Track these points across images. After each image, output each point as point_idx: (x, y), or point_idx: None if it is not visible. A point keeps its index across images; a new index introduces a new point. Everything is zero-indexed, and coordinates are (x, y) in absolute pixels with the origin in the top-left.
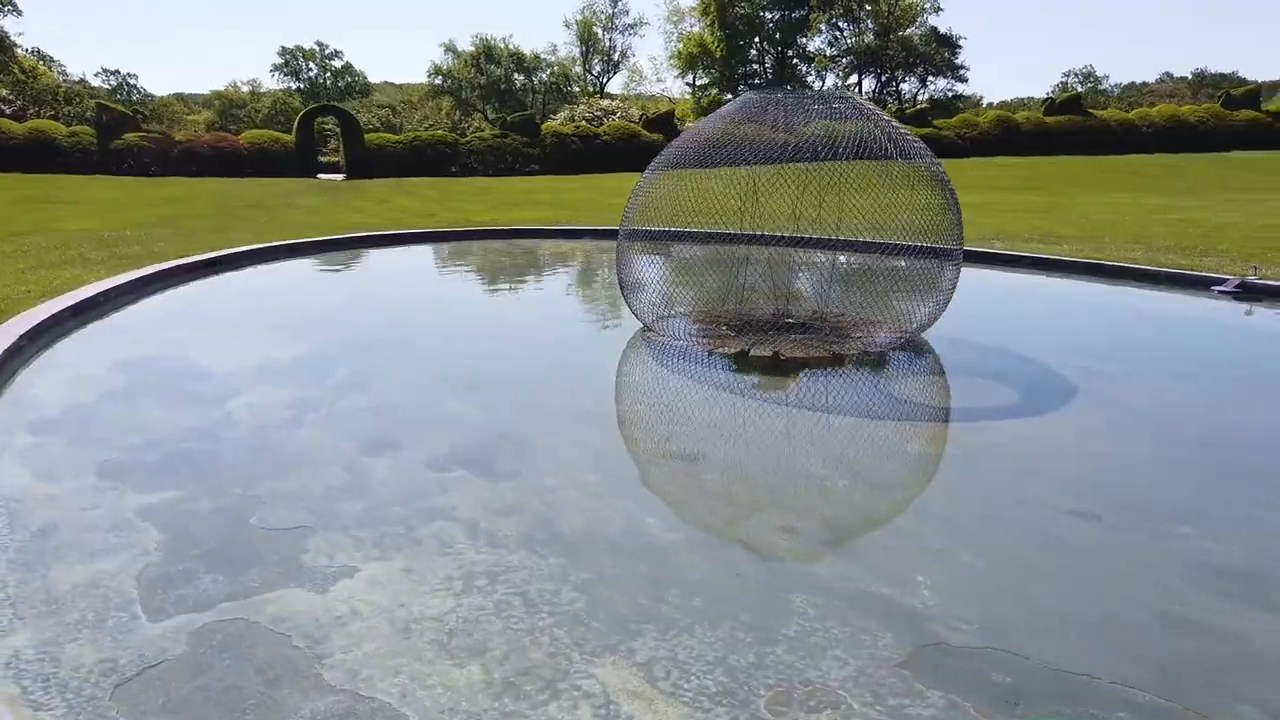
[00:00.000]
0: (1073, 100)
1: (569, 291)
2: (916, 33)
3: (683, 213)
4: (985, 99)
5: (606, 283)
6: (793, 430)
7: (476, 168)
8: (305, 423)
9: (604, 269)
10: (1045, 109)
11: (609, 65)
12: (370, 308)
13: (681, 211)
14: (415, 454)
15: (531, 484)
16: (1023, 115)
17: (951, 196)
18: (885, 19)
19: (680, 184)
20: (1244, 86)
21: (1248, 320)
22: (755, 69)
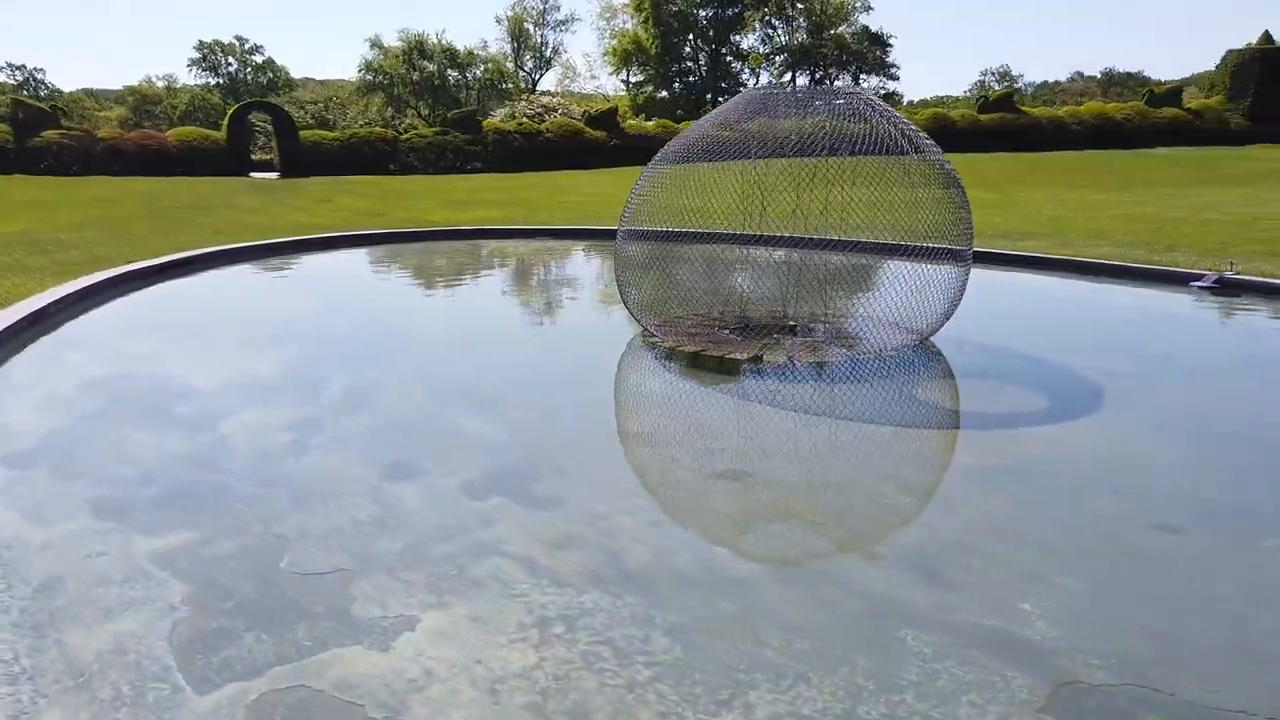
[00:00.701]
0: (1005, 98)
1: (556, 293)
2: (848, 31)
3: (684, 212)
4: (906, 98)
5: (593, 284)
6: (834, 443)
7: (416, 166)
8: (312, 446)
9: (584, 269)
10: (979, 107)
11: (541, 62)
12: (347, 314)
13: (683, 211)
14: (444, 480)
15: (580, 512)
16: (957, 113)
17: (961, 194)
18: (818, 17)
19: (681, 182)
20: (1148, 85)
21: (1241, 317)
22: (690, 66)
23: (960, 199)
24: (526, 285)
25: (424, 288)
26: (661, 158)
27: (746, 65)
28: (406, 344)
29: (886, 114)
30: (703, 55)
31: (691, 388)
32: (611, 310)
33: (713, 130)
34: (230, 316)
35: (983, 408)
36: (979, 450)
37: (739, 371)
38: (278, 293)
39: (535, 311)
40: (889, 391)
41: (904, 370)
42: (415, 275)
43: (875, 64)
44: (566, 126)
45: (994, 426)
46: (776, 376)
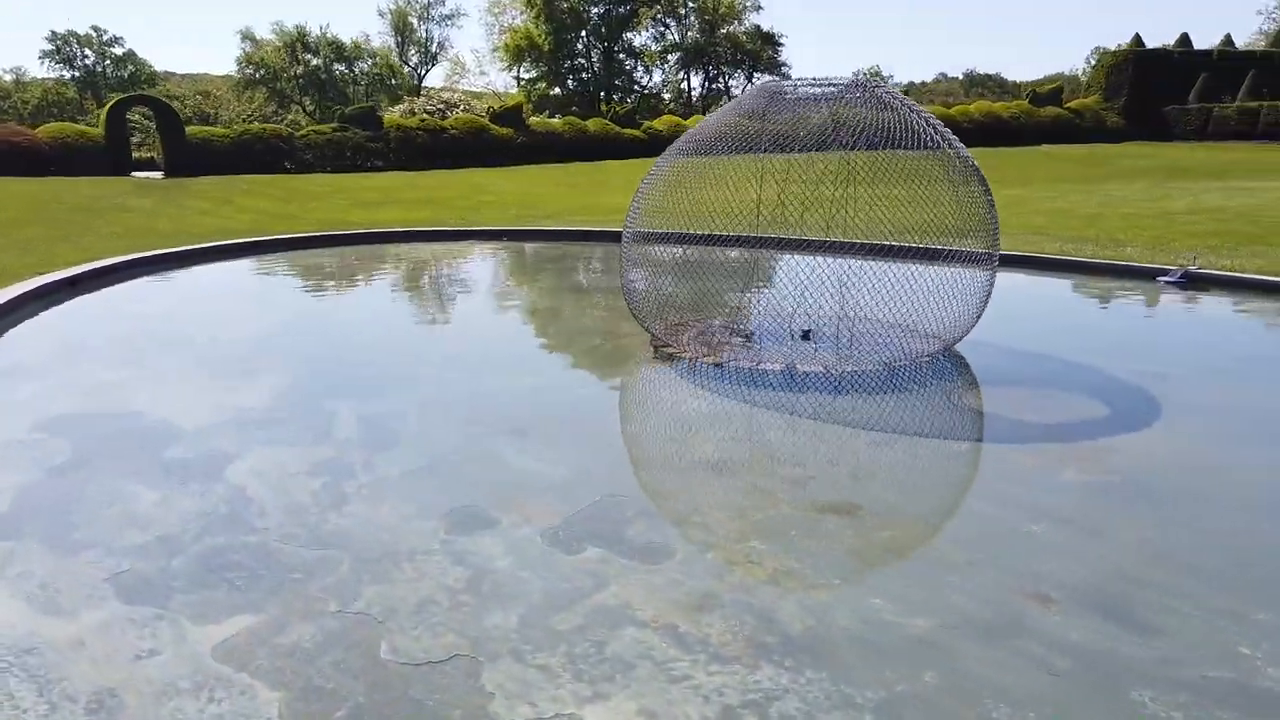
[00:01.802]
0: None
1: (538, 301)
2: (741, 30)
3: (695, 211)
4: None
5: (574, 289)
6: (923, 463)
7: (314, 163)
8: (351, 495)
9: (554, 272)
10: None
11: (427, 57)
12: (320, 329)
13: (694, 210)
14: (522, 530)
15: (697, 562)
16: None
17: (988, 192)
18: (710, 15)
19: (694, 179)
20: (1006, 85)
21: (1226, 311)
22: (582, 63)
23: (987, 197)
24: (500, 292)
25: (394, 297)
26: (676, 151)
27: (640, 63)
28: (404, 364)
29: (909, 105)
30: (595, 52)
31: (736, 405)
32: (613, 319)
33: (731, 123)
34: (183, 334)
35: (1044, 417)
36: (1075, 465)
37: (775, 384)
38: (227, 305)
39: (526, 321)
40: (938, 402)
41: (939, 378)
42: (378, 283)
43: (768, 63)
44: (471, 123)
45: (1070, 438)
46: (817, 389)
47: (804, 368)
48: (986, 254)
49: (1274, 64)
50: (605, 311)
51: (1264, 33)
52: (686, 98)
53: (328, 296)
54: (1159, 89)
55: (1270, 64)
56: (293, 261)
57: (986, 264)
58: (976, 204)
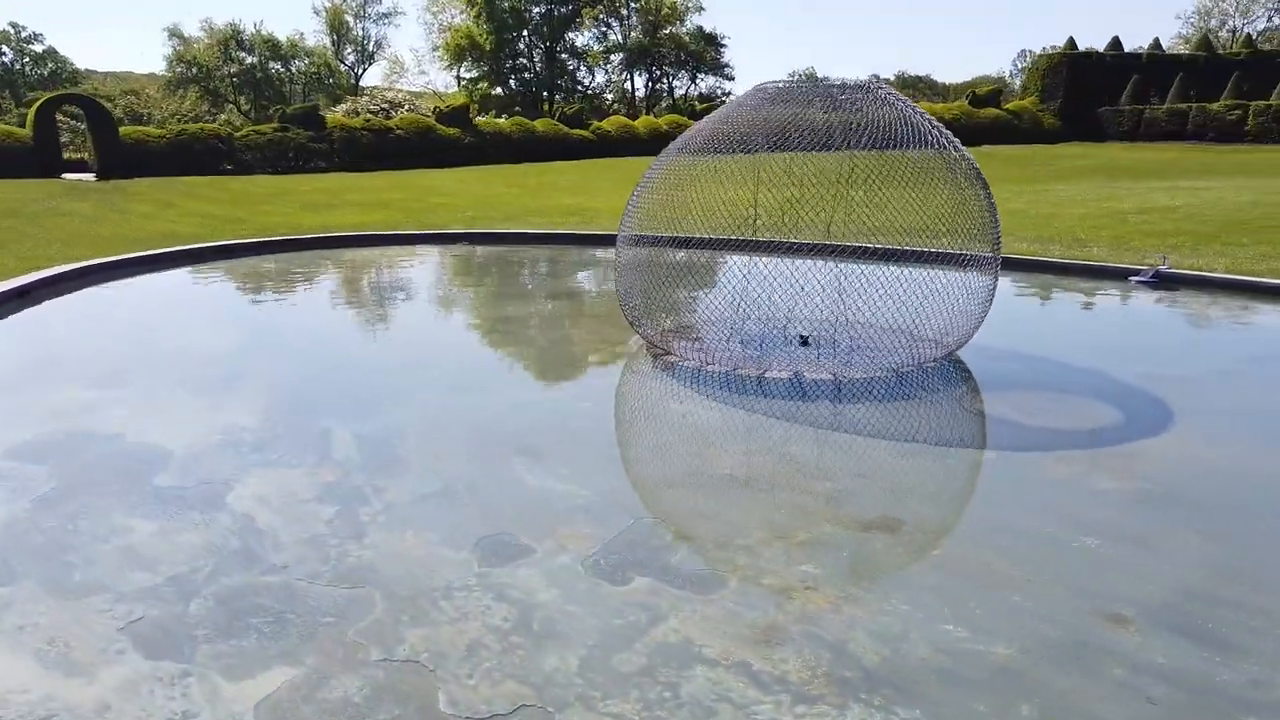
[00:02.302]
0: None
1: (521, 308)
2: (684, 31)
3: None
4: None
5: (556, 294)
6: (953, 475)
7: (254, 165)
8: (369, 524)
9: (529, 277)
10: None
11: (364, 56)
12: (293, 342)
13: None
14: (560, 559)
15: (753, 591)
16: None
17: (989, 194)
18: (652, 16)
19: (694, 181)
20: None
21: (1202, 309)
22: (524, 63)
23: (989, 200)
24: (487, 299)
25: (366, 305)
26: (675, 151)
27: (583, 63)
28: (390, 377)
29: (911, 105)
30: (537, 52)
31: (747, 415)
32: (602, 325)
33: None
34: (153, 347)
35: (1060, 422)
36: (1107, 472)
37: (782, 392)
38: (194, 315)
39: (515, 330)
40: (950, 408)
41: (945, 383)
42: (347, 289)
43: (712, 64)
44: (417, 123)
45: (1092, 444)
46: (825, 396)
47: (813, 375)
48: (990, 257)
49: (1198, 67)
50: (592, 318)
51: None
52: (630, 99)
53: (298, 305)
54: (1092, 91)
55: (1195, 67)
56: (253, 268)
57: (990, 267)
58: (980, 206)
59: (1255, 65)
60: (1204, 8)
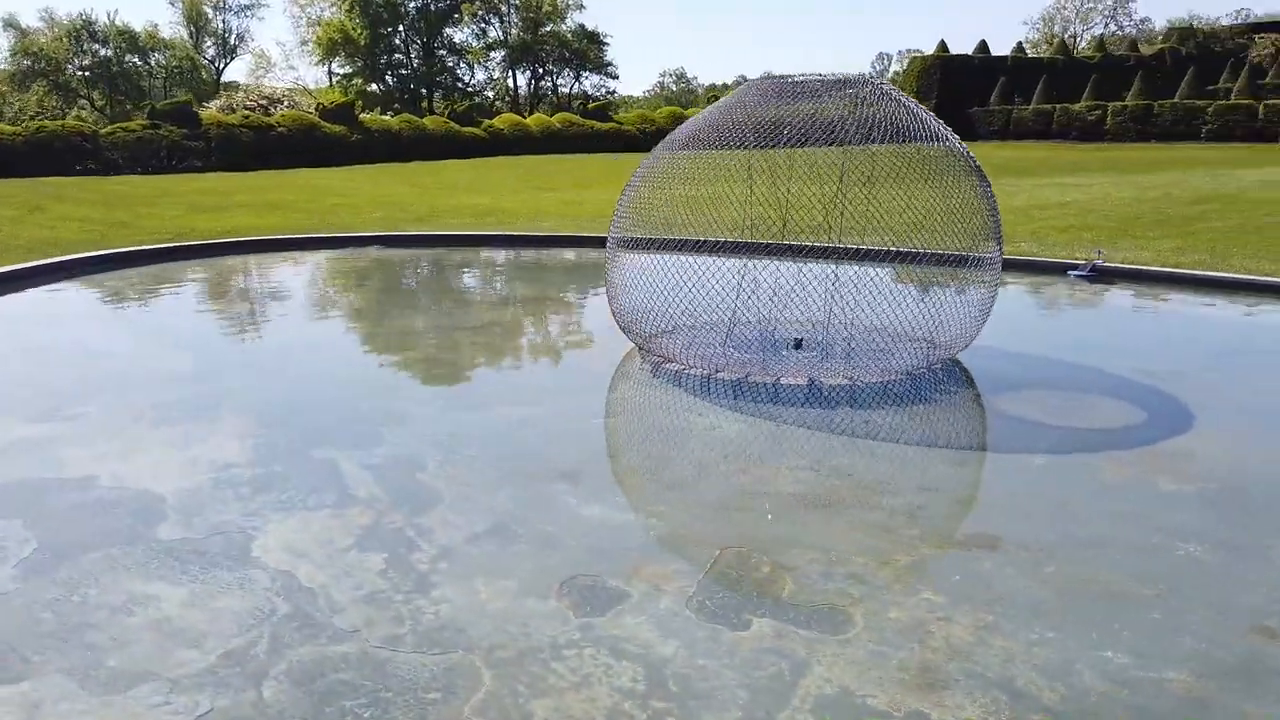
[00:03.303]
0: None
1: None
2: (567, 29)
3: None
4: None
5: (524, 299)
6: (1014, 482)
7: (122, 164)
8: (427, 573)
9: (483, 280)
10: (709, 104)
11: (225, 50)
12: (253, 362)
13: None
14: (661, 603)
15: (887, 627)
16: (692, 111)
17: (988, 192)
18: (532, 12)
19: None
20: None
21: (1153, 301)
22: (401, 58)
23: (992, 201)
24: (450, 306)
25: (315, 316)
26: (665, 147)
27: (463, 60)
28: (374, 398)
29: (909, 102)
30: (414, 48)
31: (773, 425)
32: (584, 330)
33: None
34: (93, 370)
35: (1090, 422)
36: (1165, 474)
37: (798, 398)
38: (126, 333)
39: (492, 339)
40: (976, 411)
41: (957, 385)
42: (287, 299)
43: (595, 63)
44: (300, 120)
45: (1134, 444)
46: (844, 402)
47: (829, 380)
48: (996, 255)
49: (1058, 69)
50: (570, 323)
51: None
52: (513, 96)
53: (239, 316)
54: (963, 92)
55: (1056, 69)
56: (172, 277)
57: (995, 265)
58: (986, 203)
59: (1108, 68)
60: (1048, 15)
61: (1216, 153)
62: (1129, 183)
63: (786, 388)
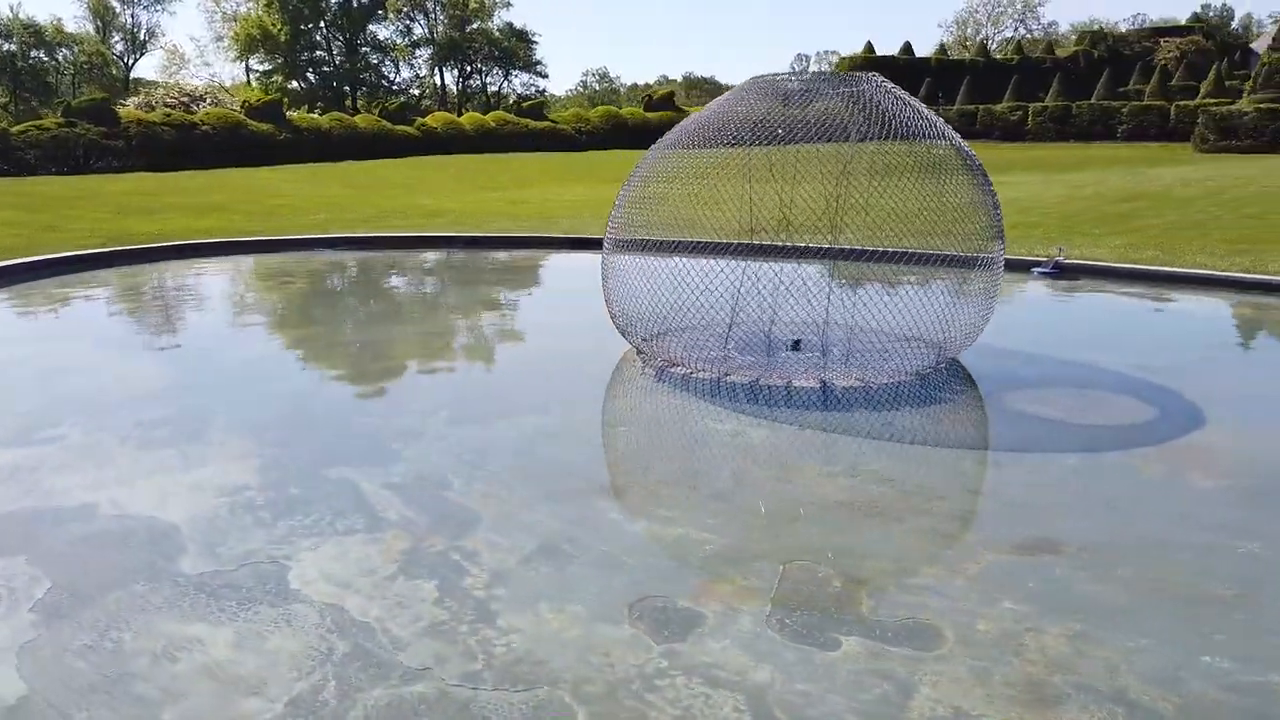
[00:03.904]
0: (666, 97)
1: (475, 319)
2: (495, 27)
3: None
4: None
5: (506, 302)
6: (1056, 482)
7: (36, 164)
8: (484, 599)
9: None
10: (645, 105)
11: (134, 45)
12: (234, 374)
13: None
14: (740, 623)
15: (979, 640)
16: (628, 111)
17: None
18: (459, 10)
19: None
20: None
21: (1131, 300)
22: (323, 55)
23: (994, 199)
24: (429, 311)
25: (288, 323)
26: (664, 146)
27: (389, 57)
28: (382, 412)
29: (904, 100)
30: (337, 45)
31: (799, 432)
32: (575, 334)
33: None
34: (65, 387)
35: (1107, 419)
36: (1198, 470)
37: (810, 401)
38: (89, 346)
39: (484, 345)
40: (992, 410)
41: (966, 384)
42: (252, 306)
43: (525, 61)
44: (226, 118)
45: (1153, 440)
46: (861, 405)
47: (842, 382)
48: (1000, 254)
49: (980, 71)
50: (559, 325)
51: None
52: (441, 94)
53: (206, 327)
54: None
55: (978, 70)
56: (123, 284)
57: (997, 266)
58: (988, 202)
59: (1027, 69)
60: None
61: (1133, 151)
62: (1058, 181)
63: (799, 390)
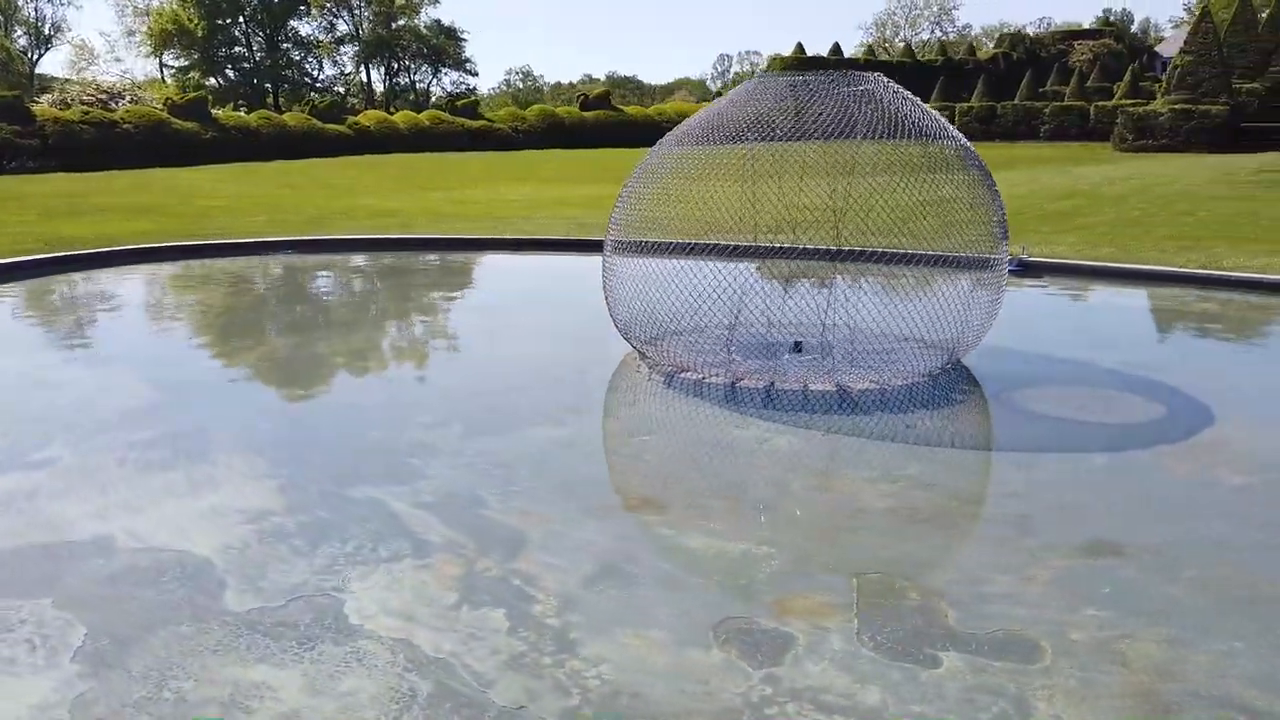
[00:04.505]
0: (602, 96)
1: (458, 325)
2: (422, 24)
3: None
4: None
5: (478, 307)
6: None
7: None
8: (565, 628)
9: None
10: (580, 105)
11: (39, 40)
12: (214, 385)
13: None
14: (831, 641)
15: (1077, 649)
16: (563, 110)
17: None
18: (385, 6)
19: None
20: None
21: (1101, 296)
22: (243, 52)
23: (996, 199)
24: (404, 317)
25: (255, 331)
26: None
27: (313, 54)
28: (393, 426)
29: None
30: (257, 41)
31: (826, 437)
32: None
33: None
34: (33, 407)
35: (1119, 418)
36: (1224, 467)
37: (831, 407)
38: (50, 360)
39: (474, 353)
40: (1008, 410)
41: (968, 384)
42: (236, 314)
43: (454, 59)
44: (149, 116)
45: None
46: (879, 408)
47: (860, 386)
48: (1004, 253)
49: (907, 71)
50: (551, 329)
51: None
52: (369, 93)
53: (174, 336)
54: None
55: (905, 71)
56: (72, 293)
57: (1003, 264)
58: (990, 198)
59: (951, 71)
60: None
61: (1056, 151)
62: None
63: (814, 393)
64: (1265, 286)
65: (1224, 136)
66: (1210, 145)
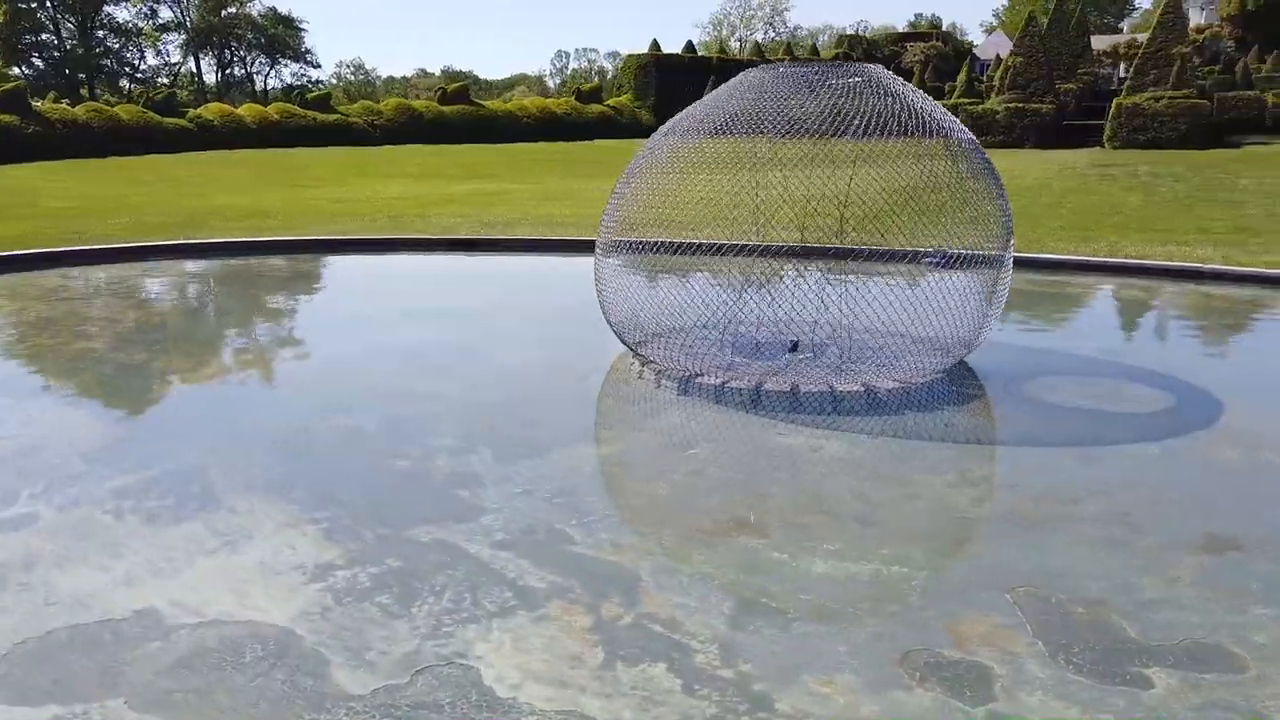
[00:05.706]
0: (461, 91)
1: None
2: (257, 12)
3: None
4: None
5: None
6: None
7: None
8: (741, 684)
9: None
10: (439, 99)
11: None
12: (208, 405)
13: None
14: (1029, 671)
15: (1207, 662)
16: (421, 104)
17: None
18: None
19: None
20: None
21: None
22: (50, 39)
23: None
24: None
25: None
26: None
27: (133, 42)
28: (424, 457)
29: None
30: (66, 28)
31: (892, 441)
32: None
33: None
34: (26, 437)
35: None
36: (1272, 450)
37: (860, 408)
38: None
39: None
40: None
41: (974, 378)
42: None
43: (294, 51)
44: None
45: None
46: (909, 408)
47: (887, 385)
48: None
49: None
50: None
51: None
52: (199, 85)
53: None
54: (676, 89)
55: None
56: None
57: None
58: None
59: None
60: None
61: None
62: (861, 177)
63: (841, 395)
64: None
65: (1052, 134)
66: (1040, 142)
